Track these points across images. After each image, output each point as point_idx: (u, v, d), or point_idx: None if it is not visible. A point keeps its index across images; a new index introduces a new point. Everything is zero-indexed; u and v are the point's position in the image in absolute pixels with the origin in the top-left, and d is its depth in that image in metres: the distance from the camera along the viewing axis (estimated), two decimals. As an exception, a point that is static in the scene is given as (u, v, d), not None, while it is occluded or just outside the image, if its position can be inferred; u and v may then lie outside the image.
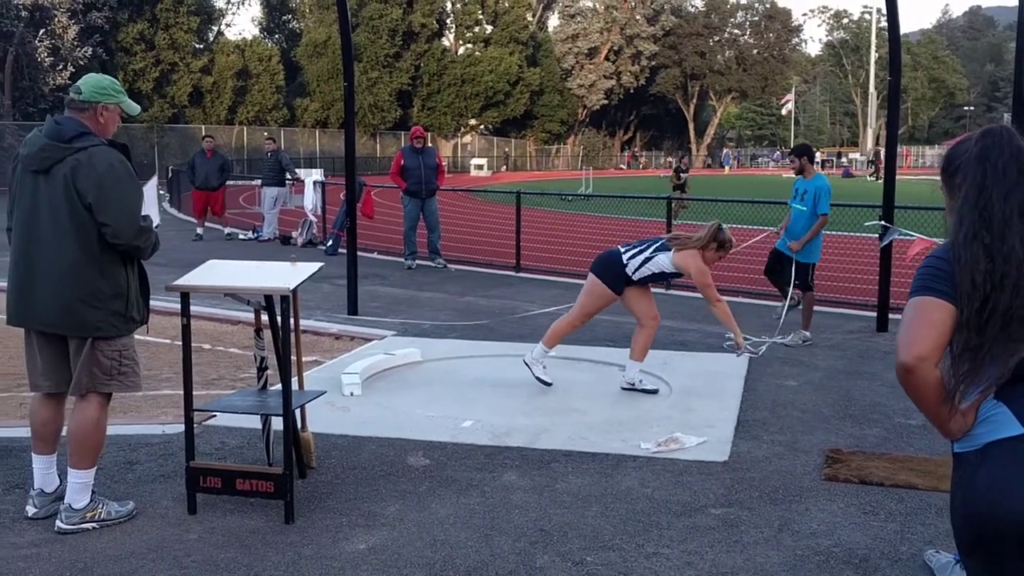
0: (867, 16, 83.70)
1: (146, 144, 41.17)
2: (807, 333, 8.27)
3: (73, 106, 4.17)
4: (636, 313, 6.74)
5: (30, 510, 4.37)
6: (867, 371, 7.34)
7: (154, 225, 4.38)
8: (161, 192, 17.03)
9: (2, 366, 7.29)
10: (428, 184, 13.44)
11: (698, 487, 4.78)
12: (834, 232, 14.31)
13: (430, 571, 3.83)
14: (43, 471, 4.41)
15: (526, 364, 6.70)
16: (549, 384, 6.63)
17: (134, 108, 4.42)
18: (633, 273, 6.51)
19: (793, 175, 8.56)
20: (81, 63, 35.93)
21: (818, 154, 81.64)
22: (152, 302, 4.53)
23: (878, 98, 72.21)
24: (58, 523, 4.21)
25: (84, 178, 4.01)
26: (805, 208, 8.17)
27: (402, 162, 13.50)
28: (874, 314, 9.10)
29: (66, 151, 4.04)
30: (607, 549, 4.04)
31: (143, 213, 4.23)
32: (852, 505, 4.55)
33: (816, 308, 8.60)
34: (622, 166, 75.48)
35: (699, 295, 11.03)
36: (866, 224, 9.04)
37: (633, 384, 6.66)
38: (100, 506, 4.30)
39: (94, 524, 4.23)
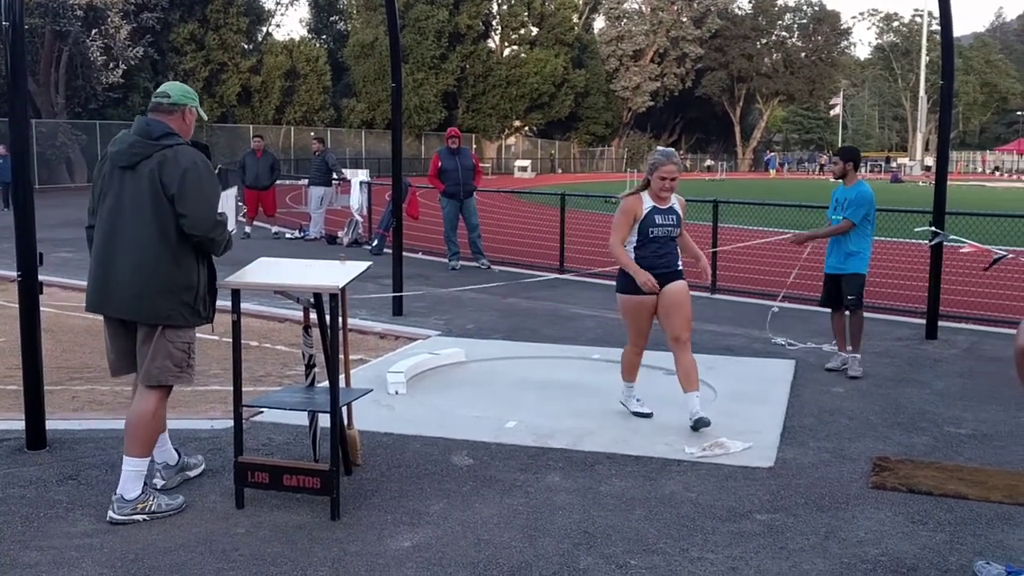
0: (918, 19, 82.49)
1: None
2: (858, 355, 7.33)
3: (160, 109, 4.46)
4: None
5: (158, 482, 4.66)
6: (916, 379, 7.24)
7: (229, 230, 4.57)
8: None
9: (55, 359, 7.43)
10: (466, 185, 13.48)
11: (743, 492, 4.75)
12: (883, 238, 14.15)
13: (474, 570, 3.84)
14: (160, 447, 4.67)
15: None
16: (649, 415, 6.07)
17: (203, 114, 4.72)
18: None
19: (832, 179, 7.66)
20: (132, 63, 36.48)
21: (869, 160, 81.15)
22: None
23: (928, 102, 71.21)
24: (110, 513, 4.30)
25: (169, 172, 4.28)
26: (843, 218, 7.32)
27: (439, 164, 13.55)
28: (923, 321, 8.97)
29: (154, 148, 4.33)
30: (651, 553, 4.03)
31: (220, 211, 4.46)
32: (900, 514, 4.50)
33: (864, 314, 8.45)
34: (667, 169, 74.96)
35: (744, 299, 10.99)
36: (916, 229, 8.92)
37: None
38: (151, 499, 4.39)
39: (144, 516, 4.31)
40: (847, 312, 7.42)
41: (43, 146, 33.89)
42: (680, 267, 5.92)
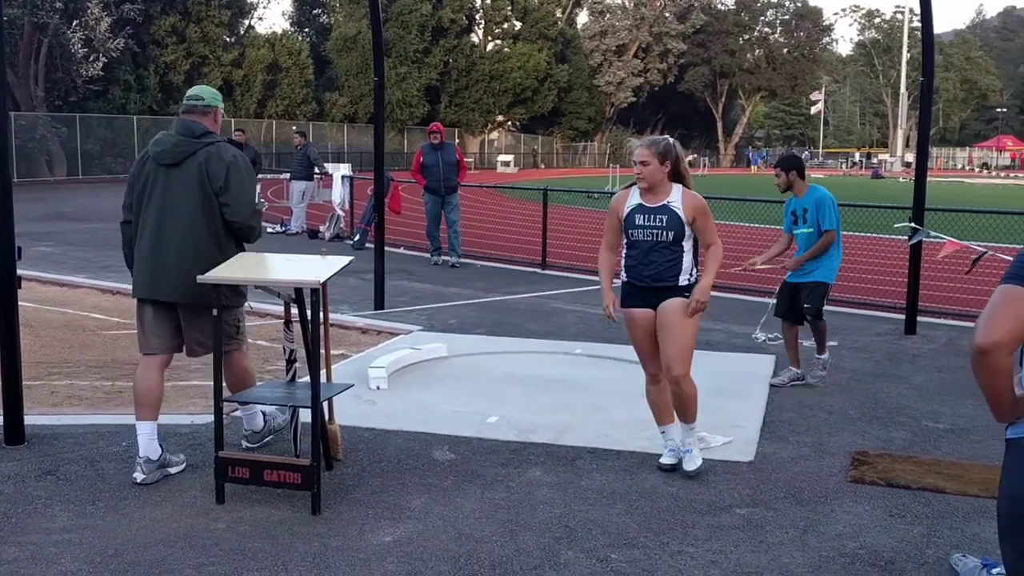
0: (899, 16, 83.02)
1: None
2: (825, 356, 6.93)
3: (195, 111, 4.88)
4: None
5: (138, 476, 4.71)
6: (894, 373, 7.29)
7: None
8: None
9: (34, 354, 7.37)
10: (447, 181, 13.41)
11: (723, 486, 4.78)
12: (862, 234, 14.23)
13: (455, 564, 3.85)
14: (147, 438, 4.78)
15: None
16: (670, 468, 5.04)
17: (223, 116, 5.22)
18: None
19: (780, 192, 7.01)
20: (113, 55, 36.16)
21: (857, 154, 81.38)
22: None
23: (909, 99, 71.66)
24: (244, 443, 5.19)
25: (216, 166, 4.72)
26: (811, 229, 6.73)
27: (421, 159, 13.54)
28: (902, 317, 9.04)
29: (197, 145, 4.75)
30: (631, 546, 4.05)
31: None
32: (878, 508, 4.53)
33: (844, 310, 8.51)
34: (649, 164, 75.01)
35: (724, 295, 11.02)
36: (896, 225, 8.98)
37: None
38: (276, 418, 5.35)
39: (270, 437, 5.28)
40: (807, 321, 6.86)
41: (22, 139, 33.58)
42: (682, 281, 4.87)
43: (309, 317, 4.54)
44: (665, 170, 4.89)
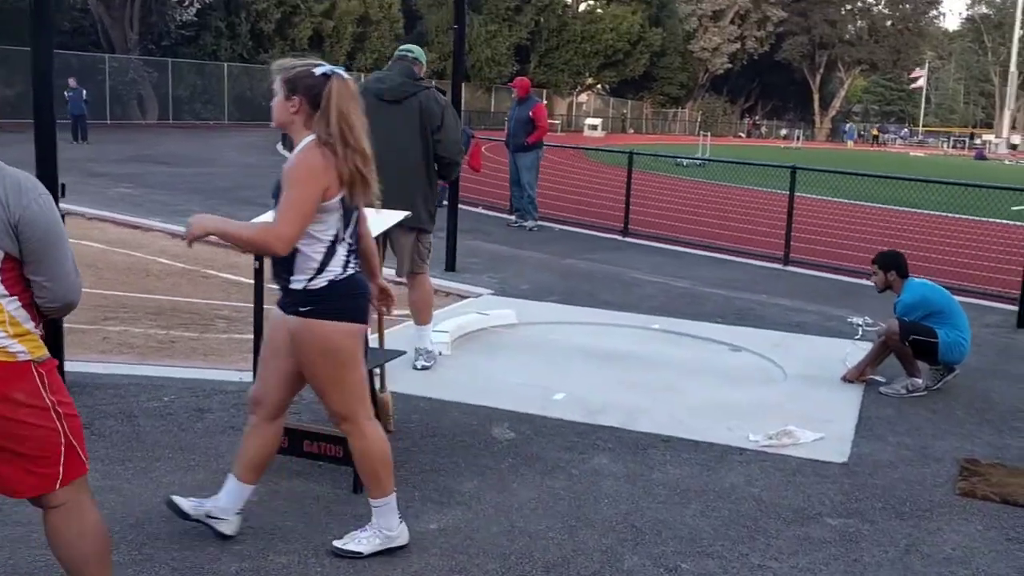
0: (1014, -10, 79.01)
1: (264, 85, 41.61)
2: (919, 380, 5.88)
3: (408, 60, 5.61)
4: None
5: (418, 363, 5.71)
6: (1007, 371, 6.60)
7: None
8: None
9: (94, 298, 7.14)
10: (514, 137, 12.97)
11: (813, 491, 4.25)
12: (970, 217, 13.35)
13: (504, 563, 3.42)
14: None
15: None
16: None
17: None
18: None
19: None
20: (206, 1, 36.33)
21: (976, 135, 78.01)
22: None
23: (1020, 78, 68.38)
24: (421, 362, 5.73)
25: (433, 107, 5.46)
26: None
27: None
28: (1015, 308, 8.27)
29: (417, 88, 5.50)
30: (705, 556, 3.57)
31: None
32: (992, 528, 3.96)
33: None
34: (741, 134, 73.31)
35: (819, 273, 10.33)
36: (1014, 208, 8.22)
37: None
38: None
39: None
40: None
41: (115, 81, 34.02)
42: (296, 284, 3.23)
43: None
44: (291, 109, 3.21)
